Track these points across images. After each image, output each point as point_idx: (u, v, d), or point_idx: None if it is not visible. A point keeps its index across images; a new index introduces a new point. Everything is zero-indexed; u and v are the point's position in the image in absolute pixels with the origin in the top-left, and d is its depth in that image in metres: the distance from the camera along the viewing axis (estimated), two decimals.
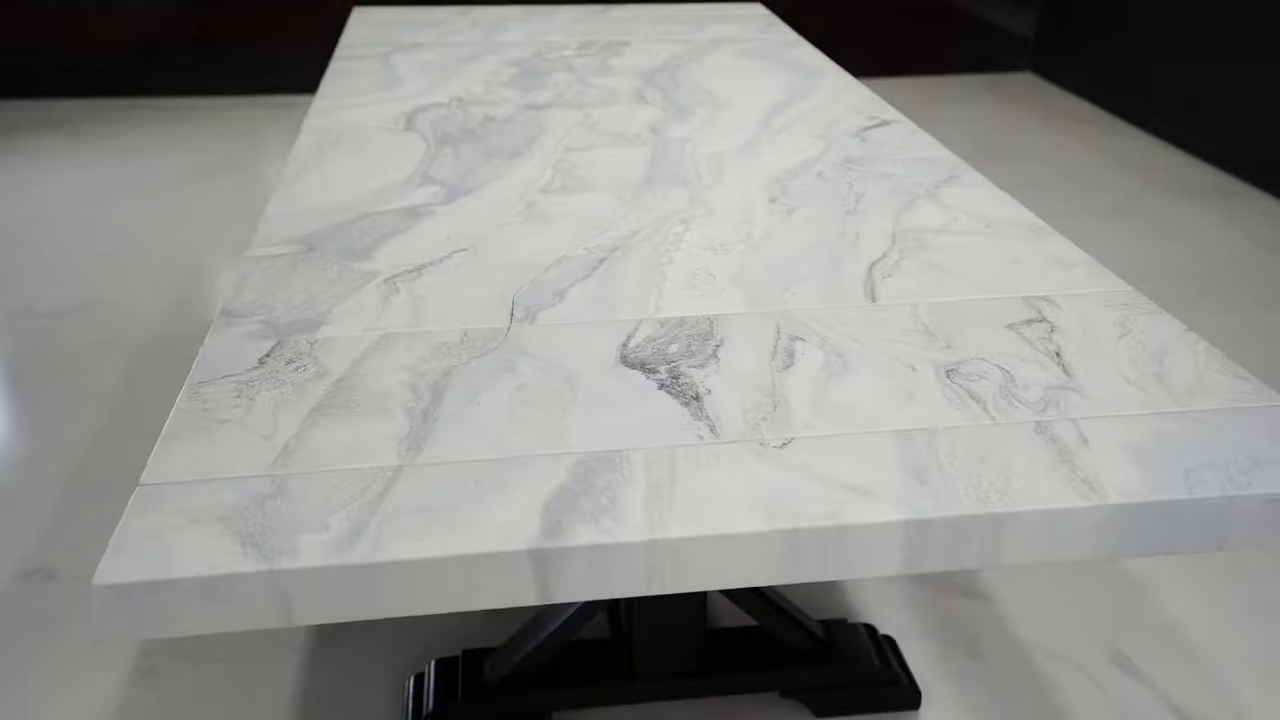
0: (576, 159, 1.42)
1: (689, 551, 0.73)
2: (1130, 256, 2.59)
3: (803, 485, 0.77)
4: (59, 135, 3.66)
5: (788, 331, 0.98)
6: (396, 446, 0.82)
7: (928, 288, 1.06)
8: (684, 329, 0.99)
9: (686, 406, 0.87)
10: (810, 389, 0.89)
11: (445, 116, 1.59)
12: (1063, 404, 0.87)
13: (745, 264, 1.12)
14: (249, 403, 0.87)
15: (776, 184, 1.34)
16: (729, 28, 2.16)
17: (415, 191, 1.31)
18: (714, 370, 0.92)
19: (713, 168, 1.39)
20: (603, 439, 0.82)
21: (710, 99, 1.68)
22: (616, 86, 1.75)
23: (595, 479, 0.78)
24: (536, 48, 1.99)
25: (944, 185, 1.33)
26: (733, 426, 0.84)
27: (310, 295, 1.05)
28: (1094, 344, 0.96)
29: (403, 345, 0.96)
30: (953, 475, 0.78)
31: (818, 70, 1.85)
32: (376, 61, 1.89)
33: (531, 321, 1.00)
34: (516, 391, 0.89)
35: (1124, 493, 0.76)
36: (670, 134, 1.52)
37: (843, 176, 1.36)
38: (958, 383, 0.90)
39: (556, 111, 1.61)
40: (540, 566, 0.72)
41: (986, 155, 3.67)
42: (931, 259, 1.13)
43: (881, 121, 1.57)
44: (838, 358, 0.94)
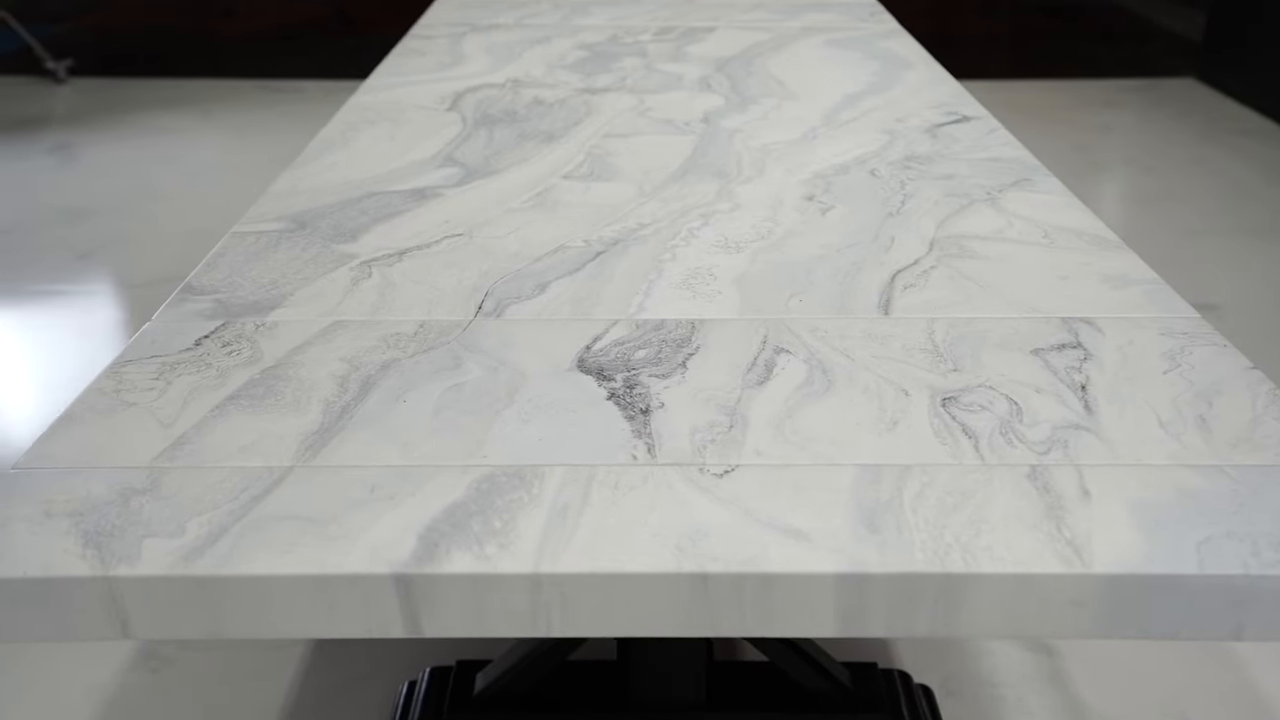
0: (614, 145, 1.32)
1: (579, 590, 0.63)
2: (1275, 282, 2.35)
3: (731, 522, 0.66)
4: (188, 113, 3.75)
5: (775, 342, 0.87)
6: (297, 445, 0.74)
7: (953, 301, 0.93)
8: (660, 333, 0.89)
9: (631, 421, 0.77)
10: (778, 409, 0.78)
11: (493, 98, 1.51)
12: (1071, 446, 0.73)
13: (755, 265, 1.01)
14: (165, 386, 0.81)
15: (820, 180, 1.21)
16: (825, 16, 2.03)
17: (431, 173, 1.24)
18: (677, 381, 0.81)
19: (756, 161, 1.27)
20: (524, 451, 0.73)
21: (780, 89, 1.56)
22: (684, 73, 1.64)
23: (497, 497, 0.69)
24: (614, 32, 1.90)
25: (1010, 189, 1.18)
26: (674, 447, 0.74)
27: (279, 275, 0.99)
28: (1131, 378, 0.82)
29: (351, 334, 0.89)
30: (912, 524, 0.66)
31: (908, 62, 1.71)
32: (447, 41, 1.84)
33: (498, 315, 0.92)
34: (449, 392, 0.80)
35: (1115, 561, 0.63)
36: (723, 123, 1.41)
37: (897, 175, 1.23)
38: (952, 413, 0.77)
39: (611, 96, 1.52)
40: (407, 595, 0.63)
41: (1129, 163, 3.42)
42: (967, 269, 0.99)
43: (961, 118, 1.43)
44: (821, 375, 0.82)
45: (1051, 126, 3.75)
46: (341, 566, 0.63)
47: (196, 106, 3.80)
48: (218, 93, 3.94)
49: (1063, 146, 3.55)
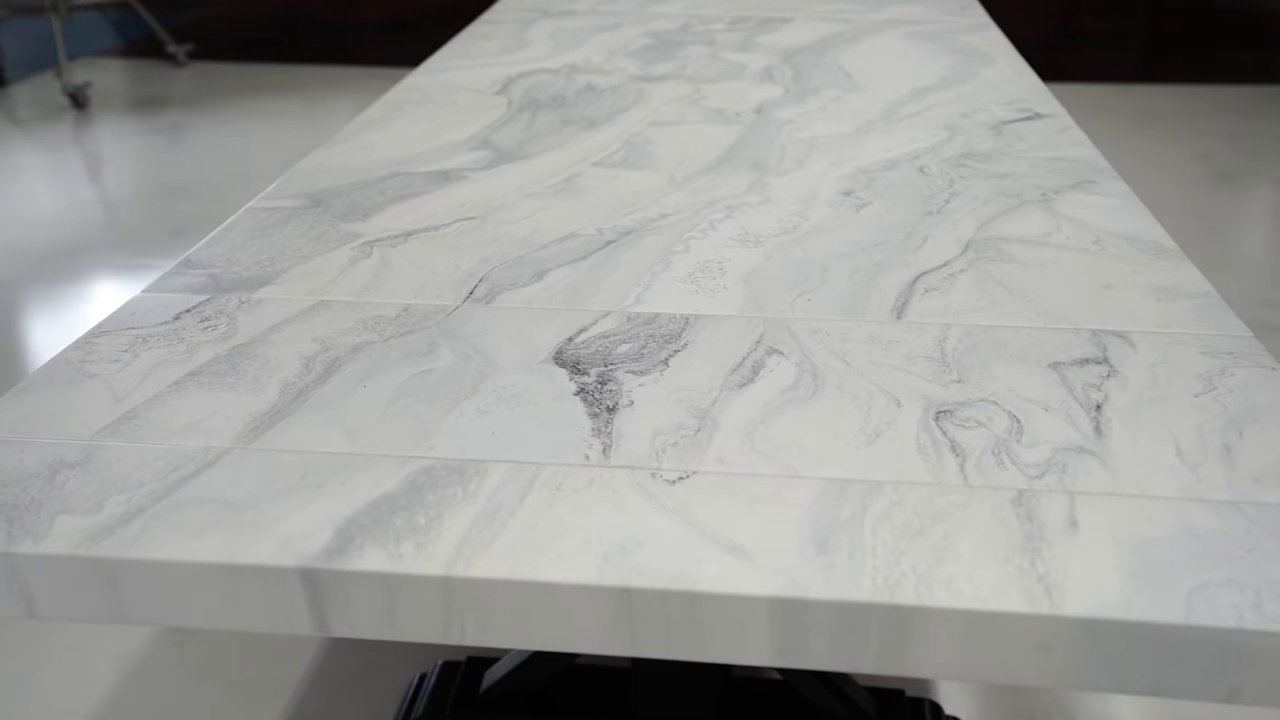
0: (655, 134, 1.27)
1: (494, 598, 0.58)
2: None
3: (670, 534, 0.61)
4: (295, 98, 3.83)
5: (769, 342, 0.81)
6: (243, 425, 0.71)
7: (975, 307, 0.86)
8: (650, 327, 0.83)
9: (594, 418, 0.72)
10: (753, 414, 0.72)
11: (544, 83, 1.48)
12: (1070, 471, 0.66)
13: (770, 261, 0.94)
14: (131, 359, 0.79)
15: (863, 175, 1.14)
16: (912, 9, 1.94)
17: (462, 155, 1.20)
18: (654, 379, 0.76)
19: (799, 153, 1.21)
20: (472, 445, 0.69)
21: (845, 81, 1.49)
22: (748, 63, 1.58)
23: (430, 492, 0.64)
24: (687, 20, 1.85)
25: (1067, 191, 1.10)
26: (632, 449, 0.68)
27: (279, 253, 0.97)
28: (1155, 399, 0.73)
29: (333, 314, 0.86)
30: (869, 547, 0.60)
31: (988, 57, 1.62)
32: (515, 27, 1.81)
33: (488, 302, 0.88)
34: (414, 379, 0.77)
35: (1090, 603, 0.55)
36: (776, 115, 1.34)
37: (948, 172, 1.15)
38: (944, 428, 0.70)
39: (667, 84, 1.47)
40: (314, 590, 0.59)
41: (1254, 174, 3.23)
42: (999, 274, 0.91)
43: (1032, 115, 1.34)
44: (810, 380, 0.76)
45: (1176, 133, 3.56)
46: (246, 556, 0.59)
47: (303, 92, 3.87)
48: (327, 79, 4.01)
49: (1185, 154, 3.36)
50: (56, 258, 2.66)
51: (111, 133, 3.57)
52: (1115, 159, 1.20)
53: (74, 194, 3.10)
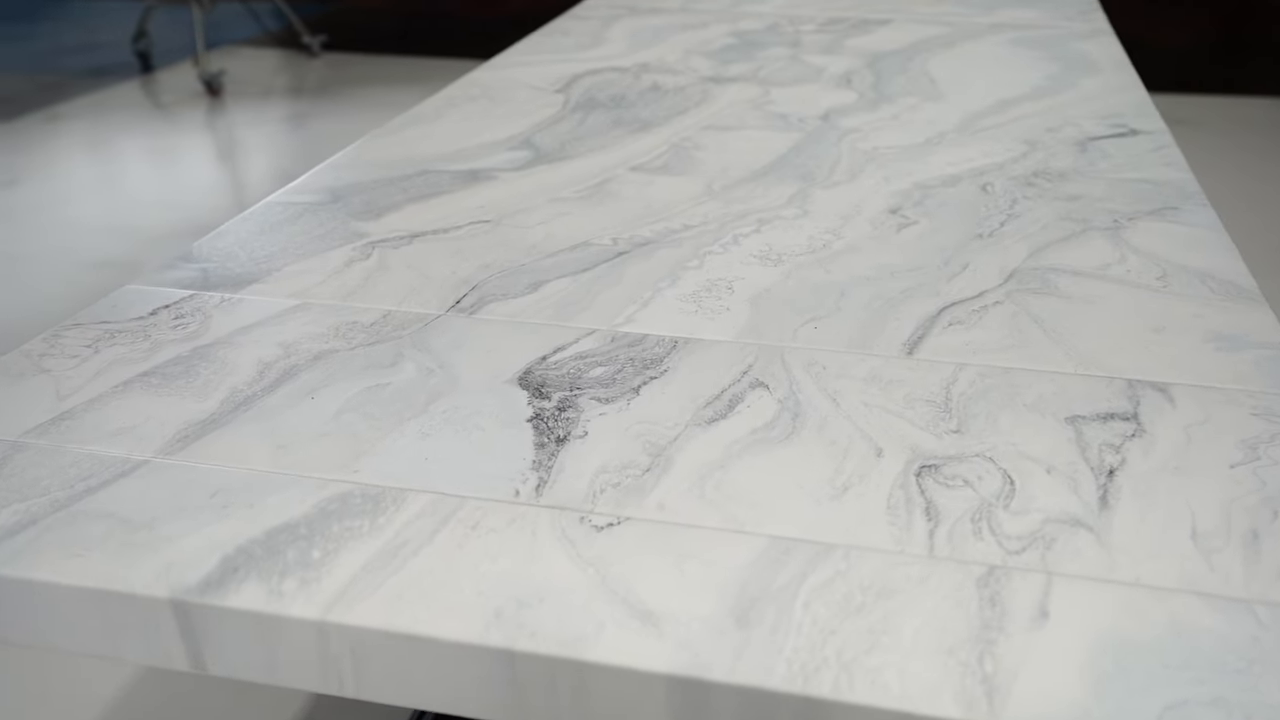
0: (707, 138, 1.20)
1: (372, 649, 0.53)
2: None
3: (578, 589, 0.54)
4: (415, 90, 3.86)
5: (757, 373, 0.73)
6: (174, 434, 0.67)
7: (999, 346, 0.76)
8: (633, 349, 0.77)
9: (540, 449, 0.66)
10: (714, 455, 0.65)
11: (609, 82, 1.42)
12: (1057, 548, 0.57)
13: (787, 282, 0.87)
14: (91, 355, 0.77)
15: (918, 190, 1.05)
16: (1025, 12, 1.81)
17: (498, 155, 1.16)
18: (619, 408, 0.70)
19: (855, 165, 1.12)
20: (401, 470, 0.64)
21: (927, 88, 1.39)
22: (828, 67, 1.49)
23: (336, 522, 0.59)
24: (777, 20, 1.77)
25: (1144, 217, 0.98)
26: (568, 486, 0.62)
27: (279, 250, 0.94)
28: (1181, 467, 0.63)
29: (309, 317, 0.82)
30: (796, 623, 0.52)
31: (1094, 67, 1.49)
32: (598, 23, 1.76)
33: (472, 313, 0.83)
34: (367, 393, 0.72)
35: (1034, 715, 0.47)
36: (842, 122, 1.26)
37: (1013, 191, 1.05)
38: (924, 485, 0.62)
39: (735, 86, 1.40)
40: (188, 625, 0.55)
41: None
42: (1038, 309, 0.82)
43: (1125, 131, 1.22)
44: (790, 419, 0.68)
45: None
46: (120, 582, 0.55)
47: (428, 85, 3.91)
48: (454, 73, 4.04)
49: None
50: (173, 239, 2.73)
51: (240, 119, 3.67)
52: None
53: (199, 178, 3.19)
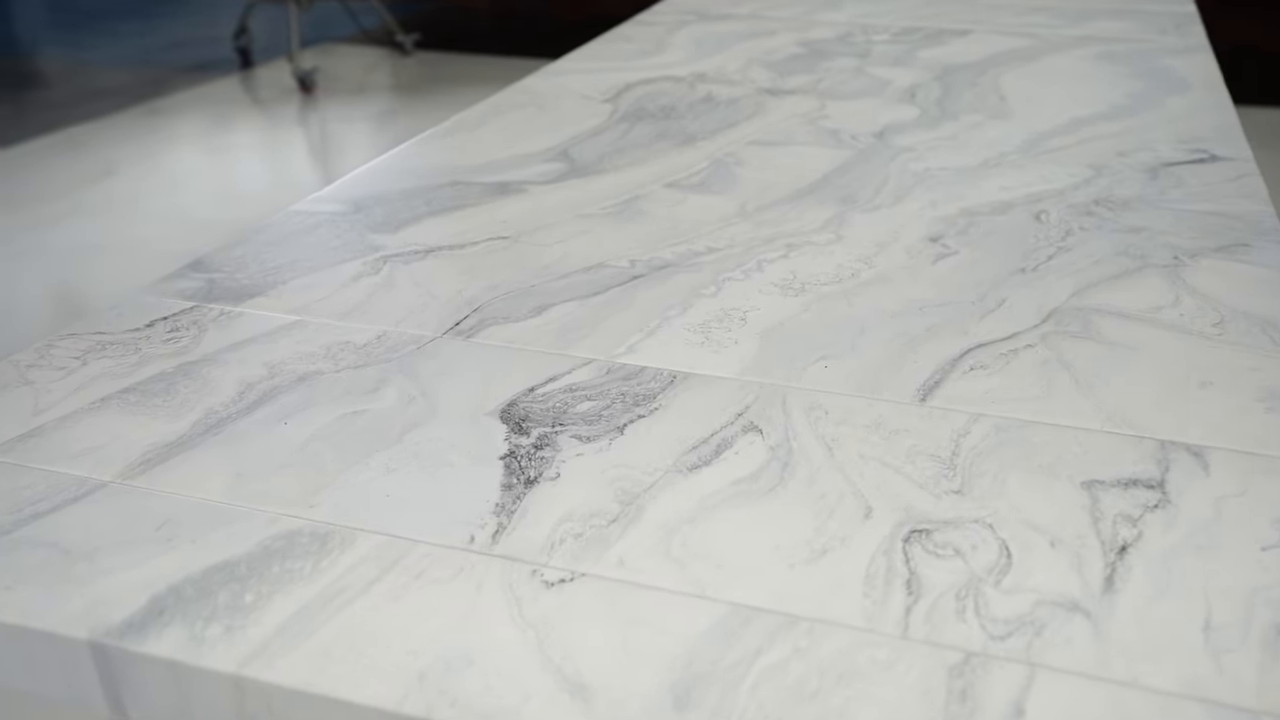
0: (751, 154, 1.15)
1: (288, 709, 0.50)
2: None
3: (513, 653, 0.50)
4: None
5: (753, 415, 0.69)
6: (138, 456, 0.65)
7: (1022, 396, 0.70)
8: (628, 383, 0.73)
9: (506, 490, 0.62)
10: (689, 506, 0.60)
11: (661, 91, 1.38)
12: (1047, 635, 0.51)
13: (805, 314, 0.82)
14: (78, 367, 0.75)
15: (965, 217, 0.99)
16: (1116, 24, 1.72)
17: (532, 167, 1.12)
18: (599, 449, 0.66)
19: (904, 187, 1.06)
20: (357, 507, 0.60)
21: (996, 105, 1.32)
22: (894, 79, 1.43)
23: (277, 563, 0.56)
24: (849, 29, 1.70)
25: (1208, 254, 0.91)
26: (527, 535, 0.58)
27: (289, 261, 0.92)
28: (1206, 545, 0.57)
29: (303, 336, 0.79)
30: (739, 708, 0.47)
31: (1182, 85, 1.40)
32: (663, 29, 1.71)
33: (469, 336, 0.79)
34: (341, 420, 0.69)
35: None
36: (897, 140, 1.20)
37: (1069, 221, 0.98)
38: (910, 553, 0.56)
39: (792, 99, 1.34)
40: (106, 668, 0.52)
41: None
42: (1073, 354, 0.75)
43: (1205, 157, 1.13)
44: (778, 469, 0.63)
45: None
46: (41, 619, 0.53)
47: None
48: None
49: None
50: None
51: (330, 116, 3.72)
52: None
53: (285, 173, 3.24)
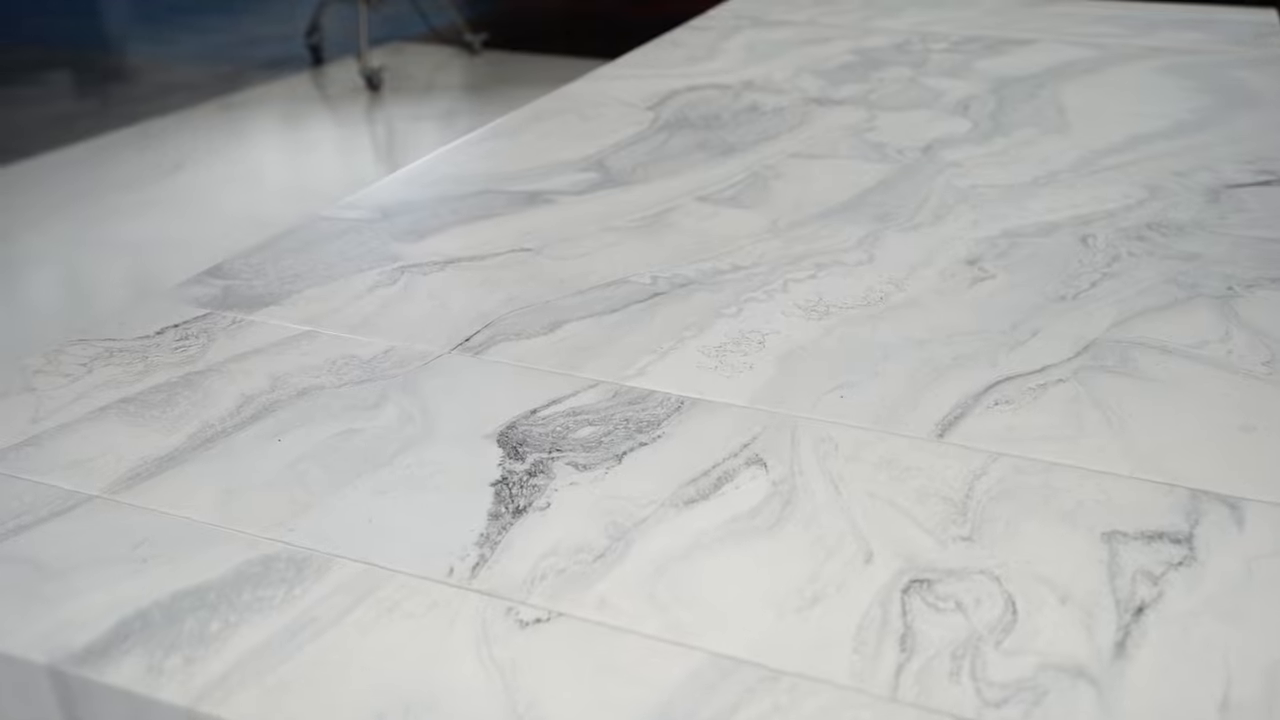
0: (790, 167, 1.12)
1: None
2: None
3: (475, 698, 0.48)
4: None
5: (759, 447, 0.66)
6: (128, 470, 0.64)
7: (1047, 435, 0.66)
8: (633, 408, 0.70)
9: (494, 520, 0.60)
10: (680, 544, 0.57)
11: (705, 99, 1.35)
12: (1048, 705, 0.47)
13: (827, 338, 0.78)
14: (84, 374, 0.75)
15: (1006, 239, 0.95)
16: (1189, 35, 1.65)
17: (565, 176, 1.10)
18: (594, 478, 0.63)
19: (945, 205, 1.02)
20: (339, 532, 0.59)
21: (1053, 119, 1.27)
22: (949, 91, 1.38)
23: (252, 589, 0.55)
24: (908, 37, 1.66)
25: (1265, 285, 0.86)
26: (508, 569, 0.56)
27: (308, 269, 0.90)
28: (1234, 611, 0.52)
29: (311, 347, 0.78)
30: None
31: (1256, 100, 1.34)
32: (715, 35, 1.68)
33: (477, 353, 0.77)
34: (335, 438, 0.67)
35: None
36: (944, 155, 1.15)
37: (1117, 245, 0.93)
38: (909, 604, 0.53)
39: (840, 110, 1.31)
40: (64, 694, 0.51)
41: None
42: (1106, 391, 0.71)
43: (1273, 179, 1.07)
44: (779, 506, 0.60)
45: None
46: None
47: None
48: None
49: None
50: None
51: (396, 114, 3.74)
52: None
53: (347, 171, 3.27)
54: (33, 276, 2.72)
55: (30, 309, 2.54)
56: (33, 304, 2.57)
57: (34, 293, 2.63)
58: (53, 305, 2.56)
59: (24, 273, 2.74)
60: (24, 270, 2.75)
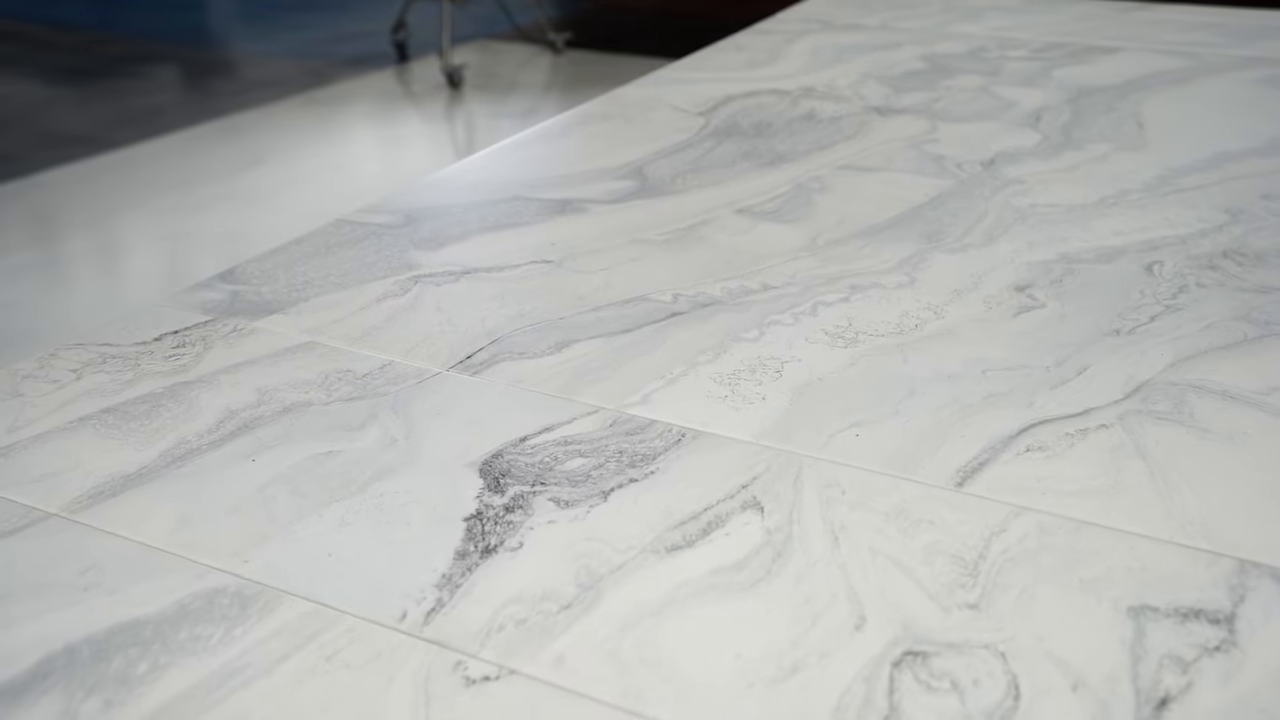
0: (837, 180, 1.06)
1: None
2: None
3: None
4: None
5: (758, 489, 0.60)
6: (92, 487, 0.61)
7: (1081, 490, 0.60)
8: (630, 439, 0.65)
9: (459, 560, 0.55)
10: (654, 598, 0.52)
11: (760, 106, 1.29)
12: None
13: (850, 369, 0.72)
14: (73, 380, 0.73)
15: (1061, 264, 0.87)
16: None
17: (601, 184, 1.06)
18: (575, 516, 0.58)
19: (1001, 225, 0.95)
20: (294, 567, 0.55)
21: (1131, 134, 1.19)
22: (1021, 101, 1.31)
23: (190, 626, 0.51)
24: (984, 43, 1.58)
25: None
26: (465, 616, 0.52)
27: (321, 276, 0.87)
28: (1268, 712, 0.46)
29: (307, 360, 0.75)
30: None
31: None
32: (781, 38, 1.62)
33: (476, 372, 0.73)
34: (311, 460, 0.64)
35: None
36: (1006, 171, 1.08)
37: (1185, 274, 0.85)
38: (899, 681, 0.47)
39: (900, 119, 1.24)
40: None
41: None
42: (1154, 442, 0.64)
43: None
44: (771, 559, 0.55)
45: None
46: None
47: None
48: None
49: None
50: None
51: (475, 112, 3.74)
52: None
53: (423, 168, 3.27)
54: (108, 267, 2.77)
55: (98, 300, 2.58)
56: (103, 294, 2.61)
57: (105, 283, 2.67)
58: (121, 296, 2.60)
59: (99, 263, 2.79)
60: (100, 261, 2.80)
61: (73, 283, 2.66)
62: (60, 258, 2.78)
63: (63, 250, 2.81)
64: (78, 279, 2.69)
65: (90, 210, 3.00)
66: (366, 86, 4.00)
